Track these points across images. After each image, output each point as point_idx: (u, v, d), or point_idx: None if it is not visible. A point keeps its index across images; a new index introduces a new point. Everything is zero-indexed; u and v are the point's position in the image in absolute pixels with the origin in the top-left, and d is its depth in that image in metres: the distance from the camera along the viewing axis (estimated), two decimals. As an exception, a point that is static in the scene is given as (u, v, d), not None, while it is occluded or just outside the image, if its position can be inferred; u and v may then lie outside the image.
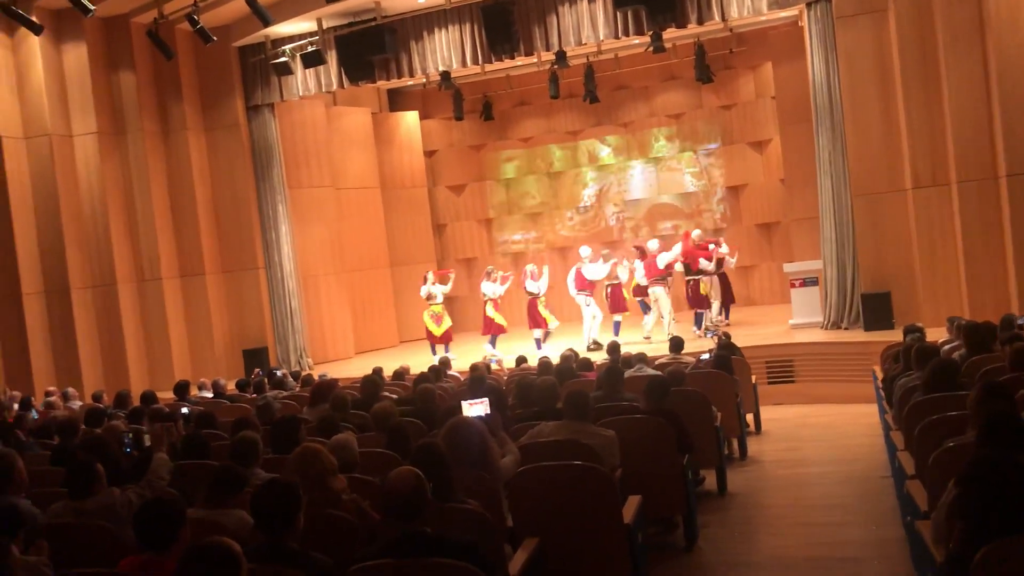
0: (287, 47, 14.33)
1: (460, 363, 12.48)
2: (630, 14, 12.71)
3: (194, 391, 11.21)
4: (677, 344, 9.81)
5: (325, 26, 14.23)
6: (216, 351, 14.78)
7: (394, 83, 16.31)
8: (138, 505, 3.88)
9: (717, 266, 14.16)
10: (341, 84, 14.45)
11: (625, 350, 10.14)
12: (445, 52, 13.79)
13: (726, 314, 14.60)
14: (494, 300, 14.08)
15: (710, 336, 11.66)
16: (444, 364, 10.98)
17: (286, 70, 14.23)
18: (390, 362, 12.44)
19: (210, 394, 10.92)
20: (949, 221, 11.41)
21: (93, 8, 11.93)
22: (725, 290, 14.63)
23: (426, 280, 14.43)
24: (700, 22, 12.73)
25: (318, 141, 16.24)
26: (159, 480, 5.02)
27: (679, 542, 6.15)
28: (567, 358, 9.44)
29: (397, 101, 18.69)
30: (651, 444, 5.88)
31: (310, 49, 13.91)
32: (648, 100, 17.69)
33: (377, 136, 17.74)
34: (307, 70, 14.28)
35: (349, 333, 16.44)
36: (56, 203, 13.57)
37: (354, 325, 16.62)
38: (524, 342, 14.26)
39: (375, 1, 13.53)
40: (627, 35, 13.05)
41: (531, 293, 13.88)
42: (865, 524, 6.29)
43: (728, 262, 14.47)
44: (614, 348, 9.98)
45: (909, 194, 11.74)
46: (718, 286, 14.37)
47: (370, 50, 13.83)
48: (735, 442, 8.73)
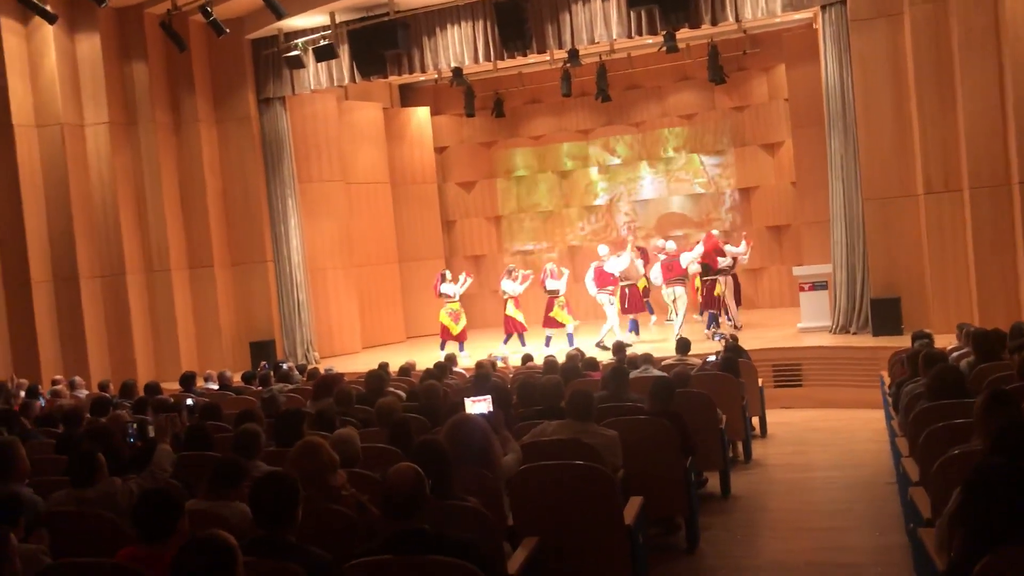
0: (299, 40, 14.35)
1: (473, 361, 12.43)
2: (644, 13, 12.68)
3: (200, 382, 11.23)
4: (684, 345, 9.77)
5: (338, 20, 14.24)
6: (223, 343, 14.81)
7: (406, 78, 16.31)
8: (138, 496, 3.88)
9: (731, 264, 14.12)
10: (353, 79, 14.46)
11: (643, 349, 10.13)
12: (457, 48, 13.78)
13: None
14: (515, 298, 14.07)
15: (718, 339, 11.61)
16: (450, 361, 10.96)
17: (298, 64, 14.24)
18: (397, 357, 12.42)
19: (216, 386, 10.94)
20: (961, 227, 11.34)
21: (107, -2, 11.98)
22: (735, 292, 14.58)
23: (444, 278, 14.41)
24: (714, 23, 12.70)
25: (329, 135, 16.26)
26: (161, 471, 5.03)
27: (681, 544, 6.13)
28: (573, 357, 9.43)
29: (408, 96, 18.69)
30: (654, 445, 5.85)
31: (322, 43, 13.92)
32: (660, 100, 17.64)
33: (388, 131, 17.74)
34: (319, 64, 14.29)
35: (356, 328, 16.45)
36: (67, 192, 13.61)
37: (361, 320, 16.64)
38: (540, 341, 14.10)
39: (388, -4, 13.55)
40: (640, 34, 13.03)
41: (551, 291, 13.86)
42: (869, 530, 6.26)
43: (741, 259, 14.34)
44: (620, 348, 9.95)
45: (921, 199, 11.67)
46: (731, 287, 14.32)
47: (382, 45, 13.83)
48: (740, 445, 8.70)
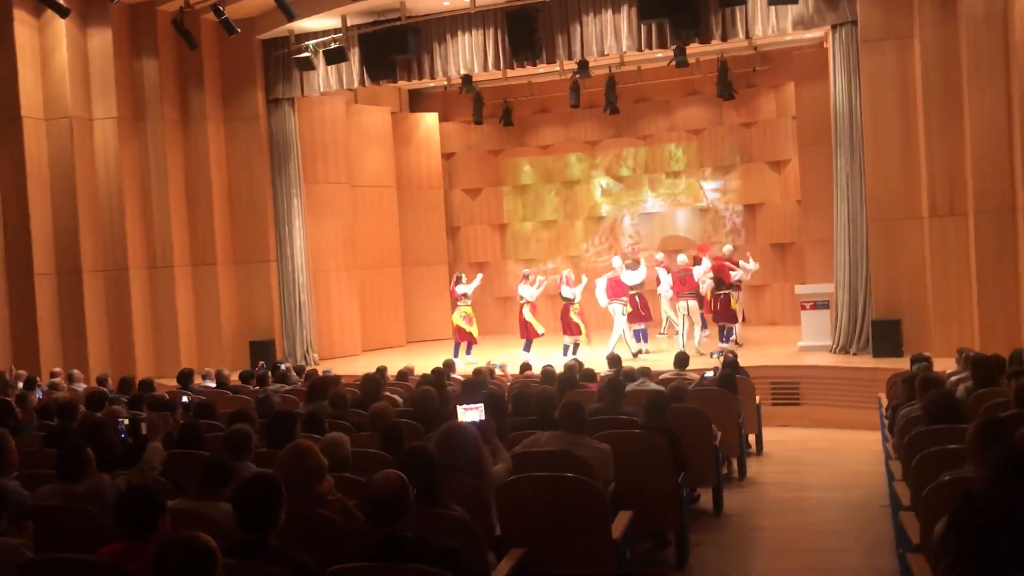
0: (310, 43, 14.39)
1: (478, 366, 12.38)
2: (654, 27, 12.71)
3: (198, 380, 11.23)
4: (682, 360, 9.75)
5: (349, 24, 14.27)
6: (223, 341, 14.81)
7: (415, 84, 16.34)
8: (120, 493, 3.87)
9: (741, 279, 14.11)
10: (362, 82, 14.49)
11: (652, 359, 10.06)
12: (468, 56, 13.81)
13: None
14: (531, 303, 14.05)
15: (716, 356, 11.58)
16: (448, 366, 10.94)
17: (308, 65, 14.27)
18: (396, 361, 12.42)
19: (213, 384, 10.95)
20: (964, 251, 11.31)
21: (120, -6, 12.03)
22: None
23: (460, 280, 14.41)
24: (724, 39, 12.71)
25: (336, 137, 16.28)
26: (151, 469, 5.02)
27: (670, 560, 6.10)
28: (571, 368, 9.41)
29: (417, 102, 18.72)
30: (647, 460, 5.83)
31: (333, 46, 13.95)
32: (668, 114, 17.64)
33: (396, 135, 17.76)
34: (329, 66, 14.32)
35: (357, 330, 16.45)
36: (73, 185, 13.65)
37: (362, 322, 16.63)
38: (559, 348, 13.93)
39: (400, 1, 13.56)
40: (650, 48, 13.05)
41: (566, 299, 13.86)
42: (860, 553, 6.23)
43: (747, 272, 14.26)
44: (615, 361, 9.93)
45: (925, 222, 11.65)
46: (742, 301, 14.29)
47: (393, 50, 13.86)
48: (735, 462, 8.67)
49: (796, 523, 7.21)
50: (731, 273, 13.78)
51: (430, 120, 18.39)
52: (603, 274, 14.40)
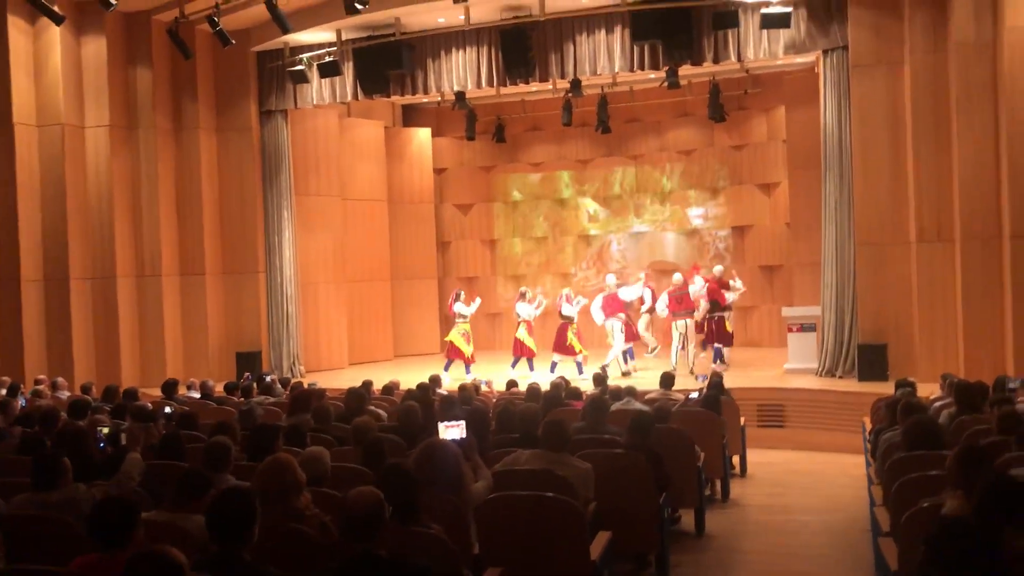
0: (305, 55, 14.41)
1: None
2: (647, 48, 12.78)
3: (183, 390, 11.17)
4: (668, 380, 9.74)
5: (344, 38, 14.32)
6: (210, 351, 14.75)
7: (408, 99, 16.38)
8: (94, 503, 3.84)
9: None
10: (356, 96, 14.52)
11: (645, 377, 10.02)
12: (461, 72, 13.85)
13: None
14: (528, 322, 14.01)
15: (701, 380, 11.57)
16: (434, 382, 10.91)
17: (302, 78, 14.29)
18: (383, 375, 12.39)
19: (198, 394, 10.88)
20: (951, 277, 11.37)
21: (115, 2, 12.03)
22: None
23: (458, 297, 14.37)
24: (716, 61, 12.80)
25: (328, 150, 16.30)
26: (128, 479, 4.98)
27: (650, 581, 6.09)
28: (557, 386, 9.38)
29: (410, 116, 18.76)
30: (628, 480, 5.83)
31: (327, 59, 13.97)
32: (659, 135, 17.72)
33: (388, 150, 17.80)
34: (323, 80, 14.34)
35: (344, 343, 16.41)
36: (63, 192, 13.60)
37: (350, 336, 16.60)
38: (561, 367, 13.76)
39: (395, 17, 13.61)
40: (643, 69, 13.13)
41: (565, 317, 13.84)
42: (840, 577, 6.22)
43: (736, 292, 14.28)
44: (600, 379, 9.92)
45: (913, 247, 11.71)
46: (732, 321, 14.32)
47: (387, 64, 13.90)
48: (718, 483, 8.66)
49: (778, 546, 7.21)
50: (725, 295, 13.81)
51: (423, 135, 18.43)
52: (597, 294, 14.40)
